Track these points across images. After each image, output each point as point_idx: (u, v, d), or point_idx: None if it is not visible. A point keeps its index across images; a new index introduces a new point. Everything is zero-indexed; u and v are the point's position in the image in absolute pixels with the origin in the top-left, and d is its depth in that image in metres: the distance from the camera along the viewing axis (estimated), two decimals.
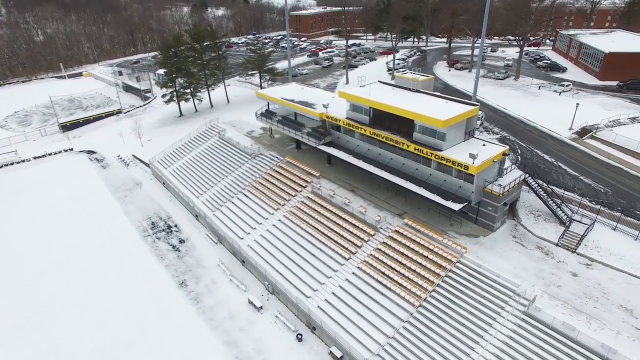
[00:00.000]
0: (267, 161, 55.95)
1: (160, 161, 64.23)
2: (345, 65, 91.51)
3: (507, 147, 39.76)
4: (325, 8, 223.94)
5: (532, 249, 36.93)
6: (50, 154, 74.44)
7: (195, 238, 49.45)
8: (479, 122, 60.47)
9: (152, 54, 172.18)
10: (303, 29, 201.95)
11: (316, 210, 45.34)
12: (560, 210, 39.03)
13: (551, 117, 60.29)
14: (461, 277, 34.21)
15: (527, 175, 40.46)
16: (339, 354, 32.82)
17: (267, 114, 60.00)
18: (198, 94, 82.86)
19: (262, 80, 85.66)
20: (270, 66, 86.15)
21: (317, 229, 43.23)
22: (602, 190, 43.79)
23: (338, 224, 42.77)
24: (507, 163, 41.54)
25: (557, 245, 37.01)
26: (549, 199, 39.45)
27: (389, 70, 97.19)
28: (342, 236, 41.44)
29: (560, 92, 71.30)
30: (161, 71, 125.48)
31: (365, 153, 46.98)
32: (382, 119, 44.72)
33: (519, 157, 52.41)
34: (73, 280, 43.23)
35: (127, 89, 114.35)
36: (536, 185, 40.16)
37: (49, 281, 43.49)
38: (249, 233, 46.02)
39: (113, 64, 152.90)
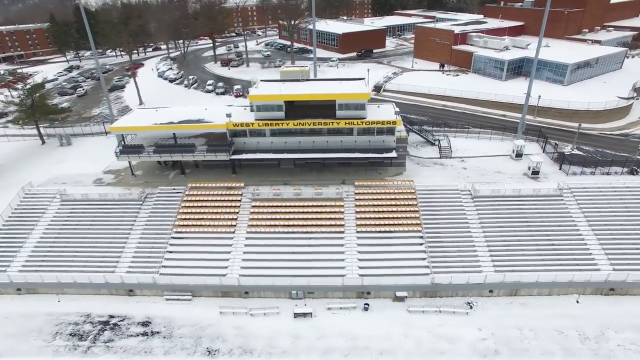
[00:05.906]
0: (167, 197, 49.04)
1: None
2: (135, 84, 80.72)
3: (394, 102, 53.42)
4: None
5: (433, 165, 53.20)
6: None
7: (158, 311, 39.59)
8: None
9: None
10: None
11: (275, 212, 46.04)
12: (429, 137, 56.93)
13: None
14: (427, 198, 46.50)
15: (404, 122, 56.05)
16: (403, 294, 39.07)
17: (133, 149, 50.59)
18: None
19: (39, 125, 65.12)
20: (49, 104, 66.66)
21: (292, 225, 44.69)
22: (425, 119, 65.16)
23: (306, 212, 45.72)
24: None
25: (440, 157, 54.75)
26: (421, 132, 56.61)
27: (171, 80, 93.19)
28: (319, 219, 45.04)
29: (337, 66, 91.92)
30: None
31: (284, 147, 50.05)
32: (296, 110, 49.08)
33: None
34: None
35: None
36: (410, 126, 56.43)
37: None
38: (227, 267, 41.71)
39: None
